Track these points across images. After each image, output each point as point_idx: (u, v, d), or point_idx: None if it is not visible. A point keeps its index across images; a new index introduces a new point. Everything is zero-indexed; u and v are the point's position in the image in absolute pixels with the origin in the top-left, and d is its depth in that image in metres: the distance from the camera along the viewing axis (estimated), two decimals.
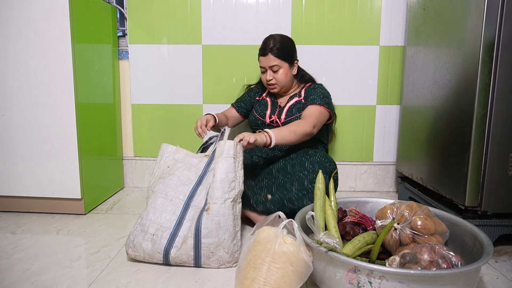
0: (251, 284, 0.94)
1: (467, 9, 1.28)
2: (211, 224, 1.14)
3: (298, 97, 1.64)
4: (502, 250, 1.30)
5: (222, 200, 1.16)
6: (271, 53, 1.54)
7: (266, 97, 1.73)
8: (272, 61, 1.54)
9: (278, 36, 1.58)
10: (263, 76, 1.61)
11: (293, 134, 1.41)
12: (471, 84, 1.24)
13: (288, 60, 1.57)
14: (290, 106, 1.62)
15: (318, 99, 1.56)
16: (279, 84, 1.59)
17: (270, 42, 1.55)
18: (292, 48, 1.61)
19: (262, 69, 1.60)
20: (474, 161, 1.25)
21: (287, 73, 1.58)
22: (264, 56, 1.55)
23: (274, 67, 1.55)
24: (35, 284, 1.06)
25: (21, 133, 1.55)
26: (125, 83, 2.02)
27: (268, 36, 1.60)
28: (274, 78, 1.58)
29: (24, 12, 1.47)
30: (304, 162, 1.40)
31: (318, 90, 1.61)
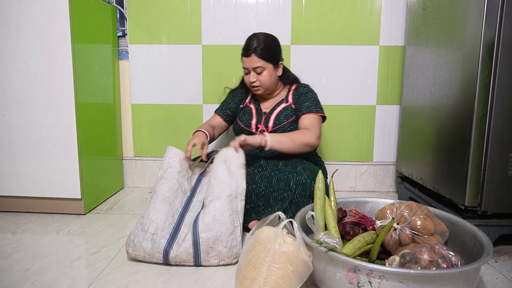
0: (251, 284, 0.94)
1: (467, 9, 1.28)
2: (208, 217, 1.16)
3: (286, 103, 1.56)
4: (502, 250, 1.30)
5: (217, 197, 1.20)
6: (255, 53, 1.45)
7: (250, 103, 1.64)
8: (256, 62, 1.46)
9: (262, 35, 1.49)
10: (246, 77, 1.52)
11: (291, 142, 1.38)
12: (471, 84, 1.24)
13: (273, 61, 1.49)
14: (278, 113, 1.55)
15: (313, 106, 1.50)
16: (263, 86, 1.51)
17: (253, 42, 1.47)
18: (277, 48, 1.54)
19: (245, 70, 1.51)
20: (474, 161, 1.25)
21: (271, 74, 1.50)
22: (247, 57, 1.47)
23: (257, 68, 1.47)
24: (35, 284, 1.06)
25: (21, 133, 1.55)
26: (125, 83, 2.02)
27: (251, 35, 1.51)
28: (257, 80, 1.49)
29: (24, 12, 1.47)
30: (290, 180, 1.34)
31: (310, 95, 1.54)
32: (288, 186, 1.33)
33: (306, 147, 1.41)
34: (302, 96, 1.54)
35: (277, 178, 1.37)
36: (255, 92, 1.56)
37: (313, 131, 1.43)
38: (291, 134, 1.41)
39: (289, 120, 1.53)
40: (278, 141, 1.37)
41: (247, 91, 1.67)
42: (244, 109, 1.64)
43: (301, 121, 1.49)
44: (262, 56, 1.46)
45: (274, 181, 1.36)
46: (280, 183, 1.35)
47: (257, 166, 1.44)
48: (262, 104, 1.62)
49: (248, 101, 1.65)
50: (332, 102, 1.97)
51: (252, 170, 1.42)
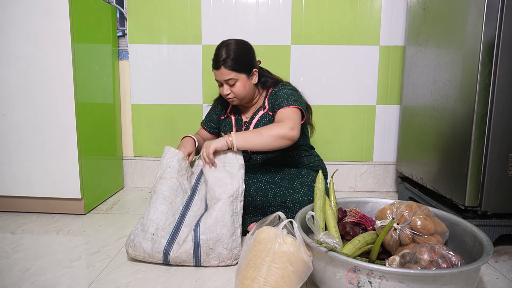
0: (251, 284, 0.94)
1: (467, 9, 1.28)
2: (210, 219, 1.16)
3: (263, 110, 1.49)
4: (502, 250, 1.30)
5: (218, 198, 1.19)
6: (224, 66, 1.35)
7: (231, 114, 1.58)
8: (227, 74, 1.36)
9: (232, 44, 1.39)
10: (221, 89, 1.44)
11: (259, 136, 1.27)
12: (471, 84, 1.24)
13: (245, 71, 1.39)
14: (256, 122, 1.48)
15: (284, 100, 1.38)
16: (237, 97, 1.42)
17: (222, 53, 1.36)
18: (249, 55, 1.43)
19: (218, 82, 1.43)
20: (474, 161, 1.25)
21: (245, 84, 1.40)
22: (217, 69, 1.37)
23: (229, 80, 1.37)
24: (35, 284, 1.06)
25: (21, 133, 1.55)
26: (125, 83, 2.02)
27: (220, 44, 1.41)
28: (231, 92, 1.41)
29: (24, 12, 1.47)
30: (286, 198, 1.30)
31: (280, 93, 1.42)
32: (285, 204, 1.31)
33: (280, 139, 1.26)
34: (274, 97, 1.44)
35: (273, 193, 1.33)
36: (232, 103, 1.48)
37: (285, 122, 1.28)
38: (259, 129, 1.31)
39: None
40: (244, 138, 1.28)
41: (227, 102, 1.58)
42: (225, 121, 1.59)
43: (275, 119, 1.38)
44: (233, 68, 1.36)
45: (270, 195, 1.33)
46: (276, 198, 1.32)
47: (252, 177, 1.39)
48: (242, 114, 1.56)
49: (229, 111, 1.60)
50: (332, 102, 1.97)
51: (246, 181, 1.36)
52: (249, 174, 1.41)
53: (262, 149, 1.29)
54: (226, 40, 1.43)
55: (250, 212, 1.38)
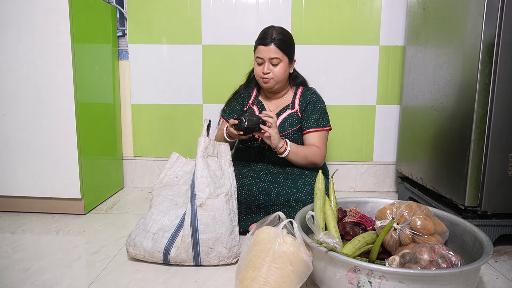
0: (251, 284, 0.94)
1: (467, 9, 1.28)
2: (207, 218, 1.16)
3: (292, 109, 1.51)
4: (502, 250, 1.30)
5: (215, 195, 1.19)
6: (274, 43, 1.39)
7: (253, 105, 1.57)
8: (274, 52, 1.40)
9: (279, 28, 1.45)
10: (259, 68, 1.45)
11: (304, 158, 1.40)
12: (471, 84, 1.24)
13: (289, 56, 1.45)
14: (283, 120, 1.50)
15: (321, 119, 1.47)
16: (275, 79, 1.44)
17: (272, 32, 1.42)
18: (293, 43, 1.49)
19: (259, 60, 1.44)
20: (474, 161, 1.25)
21: (286, 69, 1.44)
22: (266, 45, 1.40)
23: (274, 59, 1.41)
24: (35, 284, 1.06)
25: (21, 133, 1.55)
26: (125, 83, 2.02)
27: (268, 27, 1.46)
28: (271, 71, 1.43)
29: (24, 12, 1.47)
30: (289, 197, 1.31)
31: (318, 106, 1.49)
32: (288, 203, 1.31)
33: (312, 165, 1.44)
34: (311, 106, 1.50)
35: (276, 192, 1.34)
36: (264, 85, 1.47)
37: (322, 151, 1.45)
38: (306, 150, 1.42)
39: (293, 128, 1.49)
40: (295, 153, 1.38)
41: (250, 91, 1.61)
42: (247, 111, 1.58)
43: (308, 136, 1.47)
44: (281, 47, 1.41)
45: (273, 195, 1.34)
46: (279, 198, 1.33)
47: (254, 176, 1.41)
48: (266, 105, 1.56)
49: (251, 102, 1.59)
50: (332, 102, 1.97)
51: (249, 181, 1.39)
52: (252, 173, 1.43)
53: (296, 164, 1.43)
54: (273, 25, 1.47)
55: (252, 211, 1.38)
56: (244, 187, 1.37)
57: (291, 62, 1.48)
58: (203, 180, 1.21)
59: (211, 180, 1.21)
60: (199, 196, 1.19)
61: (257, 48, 1.44)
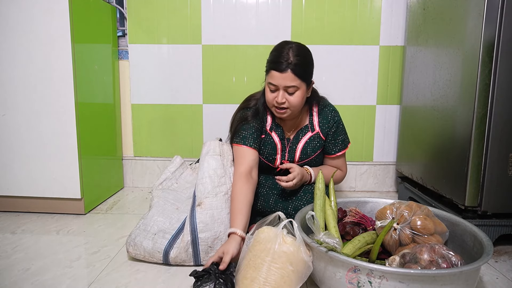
0: (251, 283, 0.94)
1: (467, 9, 1.28)
2: (206, 217, 1.17)
3: (312, 131, 1.34)
4: (502, 250, 1.30)
5: (213, 194, 1.20)
6: (291, 69, 1.15)
7: (271, 131, 1.35)
8: (291, 80, 1.16)
9: (297, 47, 1.20)
10: (271, 95, 1.22)
11: None
12: (471, 84, 1.24)
13: (307, 80, 1.22)
14: (304, 145, 1.35)
15: (346, 138, 1.40)
16: (291, 109, 1.22)
17: (288, 54, 1.16)
18: (313, 64, 1.25)
19: (272, 86, 1.20)
20: (474, 161, 1.25)
21: (303, 96, 1.22)
22: (281, 72, 1.16)
23: (290, 88, 1.18)
24: (35, 284, 1.06)
25: (21, 133, 1.55)
26: (125, 83, 2.02)
27: (282, 44, 1.22)
28: (287, 101, 1.20)
29: (24, 12, 1.47)
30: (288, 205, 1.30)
31: (341, 126, 1.37)
32: (286, 210, 1.29)
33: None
34: (334, 128, 1.35)
35: (274, 199, 1.32)
36: (278, 115, 1.26)
37: (344, 172, 1.43)
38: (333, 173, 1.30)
39: (316, 153, 1.36)
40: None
41: (264, 112, 1.35)
42: (266, 139, 1.35)
43: (334, 160, 1.39)
44: (299, 74, 1.17)
45: (272, 201, 1.32)
46: (277, 204, 1.31)
47: None
48: (284, 129, 1.36)
49: (269, 127, 1.35)
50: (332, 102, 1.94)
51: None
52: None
53: None
54: (289, 41, 1.23)
55: None
56: None
57: (309, 86, 1.25)
58: (202, 181, 1.22)
59: (210, 180, 1.22)
60: (197, 196, 1.20)
61: (270, 73, 1.20)
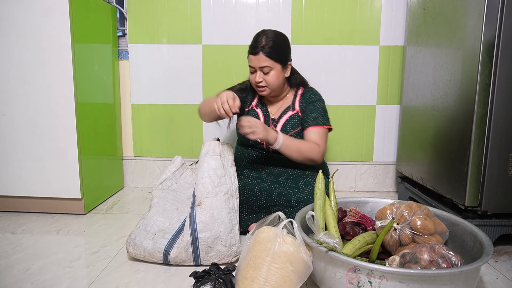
0: (251, 283, 0.94)
1: (467, 9, 1.28)
2: (205, 217, 1.17)
3: (292, 110, 1.50)
4: (502, 250, 1.30)
5: (213, 194, 1.20)
6: (263, 52, 1.36)
7: (257, 107, 1.55)
8: (264, 61, 1.37)
9: (271, 33, 1.40)
10: (252, 76, 1.44)
11: (298, 153, 1.35)
12: (471, 84, 1.24)
13: (281, 61, 1.41)
14: (284, 123, 1.49)
15: (321, 117, 1.44)
16: (269, 87, 1.43)
17: (262, 39, 1.38)
18: (287, 47, 1.45)
19: (251, 69, 1.43)
20: (474, 161, 1.25)
21: (279, 75, 1.41)
22: (255, 55, 1.38)
23: (265, 68, 1.38)
24: (35, 284, 1.06)
25: (21, 133, 1.55)
26: (125, 83, 2.02)
27: (259, 32, 1.42)
28: (264, 80, 1.41)
29: (24, 12, 1.47)
30: (291, 197, 1.32)
31: (318, 105, 1.47)
32: (289, 203, 1.32)
33: (309, 162, 1.38)
34: (310, 105, 1.48)
35: (277, 193, 1.34)
36: (260, 93, 1.48)
37: (321, 148, 1.39)
38: (300, 144, 1.37)
39: (296, 130, 1.47)
40: (287, 146, 1.33)
41: (253, 91, 1.57)
42: (250, 113, 1.55)
43: (307, 133, 1.43)
44: (271, 55, 1.37)
45: (275, 195, 1.34)
46: (281, 198, 1.33)
47: (256, 177, 1.41)
48: (269, 109, 1.55)
49: (255, 104, 1.56)
50: (332, 102, 1.97)
51: (251, 181, 1.39)
52: (254, 174, 1.43)
53: (291, 159, 1.37)
54: (266, 30, 1.43)
55: (254, 211, 1.38)
56: (246, 187, 1.37)
57: (285, 66, 1.44)
58: (201, 181, 1.22)
59: (209, 180, 1.22)
60: (197, 196, 1.20)
61: (248, 57, 1.42)
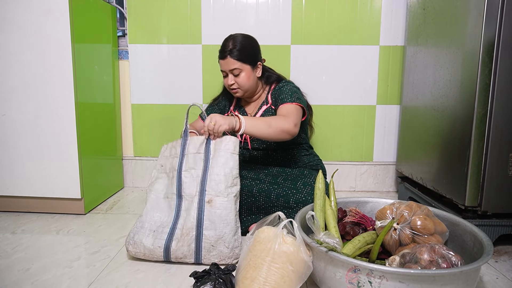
0: (251, 283, 0.94)
1: (467, 9, 1.28)
2: (214, 216, 1.17)
3: (266, 104, 1.53)
4: (502, 250, 1.30)
5: (225, 194, 1.19)
6: (231, 55, 1.42)
7: (235, 110, 1.61)
8: (232, 64, 1.42)
9: (239, 37, 1.46)
10: (225, 80, 1.50)
11: (267, 126, 1.29)
12: (471, 84, 1.24)
13: (250, 62, 1.45)
14: (260, 116, 1.51)
15: (288, 96, 1.43)
16: (241, 89, 1.48)
17: (229, 44, 1.43)
18: (255, 48, 1.49)
19: (223, 73, 1.49)
20: (474, 161, 1.25)
21: (249, 76, 1.46)
22: (223, 59, 1.44)
23: (234, 70, 1.43)
24: (35, 284, 1.06)
25: (21, 133, 1.55)
26: (125, 83, 2.02)
27: (227, 37, 1.48)
28: (236, 82, 1.46)
29: (24, 12, 1.47)
30: (289, 198, 1.32)
31: (284, 88, 1.48)
32: (288, 204, 1.32)
33: (283, 133, 1.31)
34: (278, 92, 1.49)
35: (276, 194, 1.34)
36: (235, 95, 1.52)
37: (290, 117, 1.34)
38: (267, 118, 1.34)
39: None
40: (253, 125, 1.28)
41: (231, 98, 1.64)
42: None
43: (277, 112, 1.42)
44: (238, 58, 1.42)
45: (273, 196, 1.34)
46: (279, 199, 1.33)
47: (254, 178, 1.41)
48: (246, 109, 1.59)
49: (233, 107, 1.62)
50: (332, 102, 1.97)
51: (249, 182, 1.39)
52: (252, 175, 1.43)
53: (265, 138, 1.32)
54: (233, 34, 1.48)
55: (253, 212, 1.38)
56: (244, 188, 1.37)
57: (255, 67, 1.48)
58: (215, 178, 1.19)
59: (224, 178, 1.20)
60: (208, 192, 1.18)
61: (219, 62, 1.48)
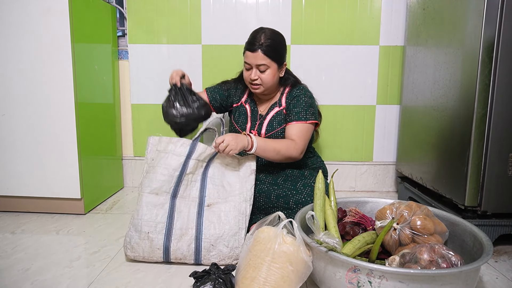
0: (251, 283, 0.94)
1: (467, 9, 1.28)
2: (213, 217, 1.18)
3: (279, 107, 1.48)
4: (502, 250, 1.30)
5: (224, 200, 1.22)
6: (261, 49, 1.34)
7: (246, 103, 1.54)
8: (261, 59, 1.35)
9: (269, 31, 1.39)
10: (247, 73, 1.41)
11: (275, 153, 1.32)
12: (471, 84, 1.24)
13: (278, 61, 1.40)
14: (271, 119, 1.47)
15: (303, 112, 1.40)
16: (263, 86, 1.41)
17: (260, 37, 1.36)
18: (284, 47, 1.44)
19: (247, 65, 1.40)
20: (474, 161, 1.25)
21: (274, 74, 1.40)
22: (253, 52, 1.36)
23: (261, 66, 1.37)
24: (35, 284, 1.06)
25: (21, 133, 1.55)
26: (125, 83, 2.02)
27: (258, 29, 1.41)
28: (260, 78, 1.39)
29: (24, 12, 1.47)
30: (289, 199, 1.31)
31: (302, 100, 1.43)
32: (288, 205, 1.31)
33: (288, 160, 1.36)
34: (294, 100, 1.45)
35: (276, 194, 1.33)
36: (253, 91, 1.46)
37: (298, 144, 1.36)
38: (277, 143, 1.34)
39: (282, 126, 1.46)
40: (264, 149, 1.30)
41: (244, 88, 1.57)
42: (239, 109, 1.55)
43: (288, 128, 1.41)
44: (268, 54, 1.36)
45: (273, 197, 1.34)
46: (279, 200, 1.33)
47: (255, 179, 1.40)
48: (258, 106, 1.54)
49: (244, 100, 1.56)
50: (332, 102, 1.97)
51: None
52: None
53: (270, 160, 1.37)
54: (264, 27, 1.42)
55: (253, 213, 1.38)
56: None
57: (280, 66, 1.43)
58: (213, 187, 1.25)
59: (223, 189, 1.25)
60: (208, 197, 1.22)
61: (245, 53, 1.40)
